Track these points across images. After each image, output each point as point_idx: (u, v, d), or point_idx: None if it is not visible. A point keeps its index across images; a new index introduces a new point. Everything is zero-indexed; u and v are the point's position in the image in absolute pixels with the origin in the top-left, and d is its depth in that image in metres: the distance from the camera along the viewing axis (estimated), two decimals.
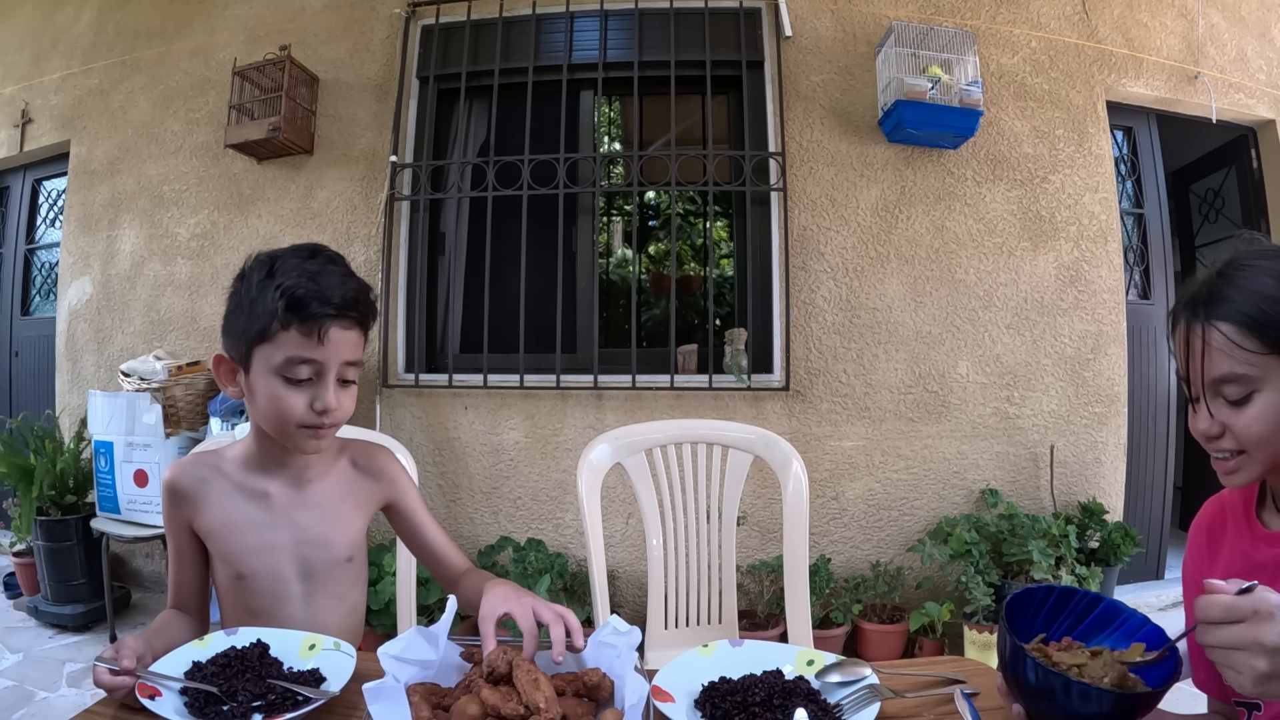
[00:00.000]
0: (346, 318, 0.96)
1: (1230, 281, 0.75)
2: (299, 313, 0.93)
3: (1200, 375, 0.77)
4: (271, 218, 3.23)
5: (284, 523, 1.04)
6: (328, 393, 0.96)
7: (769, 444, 1.54)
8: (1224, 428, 0.77)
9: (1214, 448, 0.79)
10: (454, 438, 3.00)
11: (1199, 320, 0.76)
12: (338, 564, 1.07)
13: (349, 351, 0.98)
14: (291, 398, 0.96)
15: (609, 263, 3.37)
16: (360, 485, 1.10)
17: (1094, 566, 2.62)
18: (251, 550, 1.02)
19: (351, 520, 1.09)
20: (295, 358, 0.94)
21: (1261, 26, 3.37)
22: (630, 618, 0.87)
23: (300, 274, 0.94)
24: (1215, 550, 0.88)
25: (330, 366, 0.96)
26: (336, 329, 0.95)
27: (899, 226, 2.92)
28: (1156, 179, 3.28)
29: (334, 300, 0.94)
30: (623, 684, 0.79)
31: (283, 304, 0.92)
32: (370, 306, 1.00)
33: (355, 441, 1.16)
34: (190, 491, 1.04)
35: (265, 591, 1.03)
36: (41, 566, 3.01)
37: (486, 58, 3.07)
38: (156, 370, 2.85)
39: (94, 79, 3.65)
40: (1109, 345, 2.95)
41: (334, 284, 0.95)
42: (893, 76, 2.77)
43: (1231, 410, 0.76)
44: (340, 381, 0.98)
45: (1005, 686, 0.76)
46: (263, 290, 0.94)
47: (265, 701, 0.81)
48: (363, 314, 0.99)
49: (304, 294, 0.93)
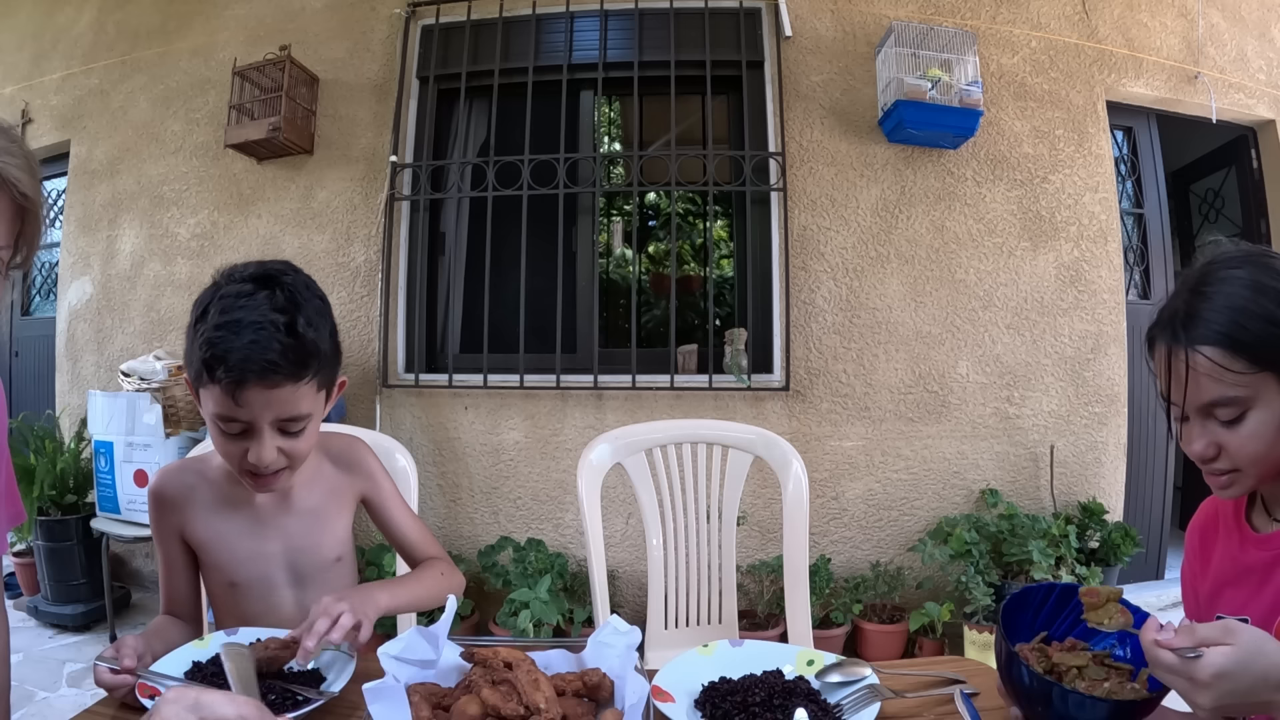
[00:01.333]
0: (271, 377, 0.87)
1: (1205, 299, 0.73)
2: (213, 371, 0.86)
3: (1186, 400, 0.75)
4: (271, 218, 3.23)
5: (273, 531, 1.04)
6: (260, 448, 0.91)
7: (769, 444, 1.54)
8: (1219, 448, 0.75)
9: (1210, 468, 0.78)
10: (454, 438, 3.00)
11: (1181, 345, 0.74)
12: (328, 565, 1.07)
13: (280, 408, 0.90)
14: (227, 446, 0.93)
15: (609, 263, 3.37)
16: (341, 483, 1.10)
17: (1094, 566, 2.62)
18: (242, 560, 1.03)
19: (337, 521, 1.09)
20: (221, 414, 0.90)
21: (1261, 26, 3.37)
22: (630, 618, 0.87)
23: (222, 322, 0.86)
24: (1208, 553, 0.88)
25: (259, 423, 0.90)
26: (258, 390, 0.87)
27: (899, 226, 2.92)
28: (1156, 179, 3.28)
29: (251, 363, 0.85)
30: (623, 684, 0.79)
31: (199, 358, 0.87)
32: (304, 356, 0.89)
33: (330, 436, 1.13)
34: (179, 499, 1.04)
35: (258, 598, 1.03)
36: (41, 566, 3.01)
37: (486, 58, 3.07)
38: (156, 370, 2.85)
39: (94, 79, 3.65)
40: (1109, 345, 2.95)
41: (252, 339, 0.85)
42: (893, 76, 2.77)
43: (1225, 430, 0.74)
44: (283, 433, 0.93)
45: (1004, 688, 0.76)
46: (194, 334, 0.89)
47: (265, 701, 0.81)
48: (294, 368, 0.88)
49: (218, 353, 0.85)
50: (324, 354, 0.93)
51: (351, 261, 3.12)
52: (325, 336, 0.93)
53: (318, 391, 0.95)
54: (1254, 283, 0.72)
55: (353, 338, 3.09)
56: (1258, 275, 0.72)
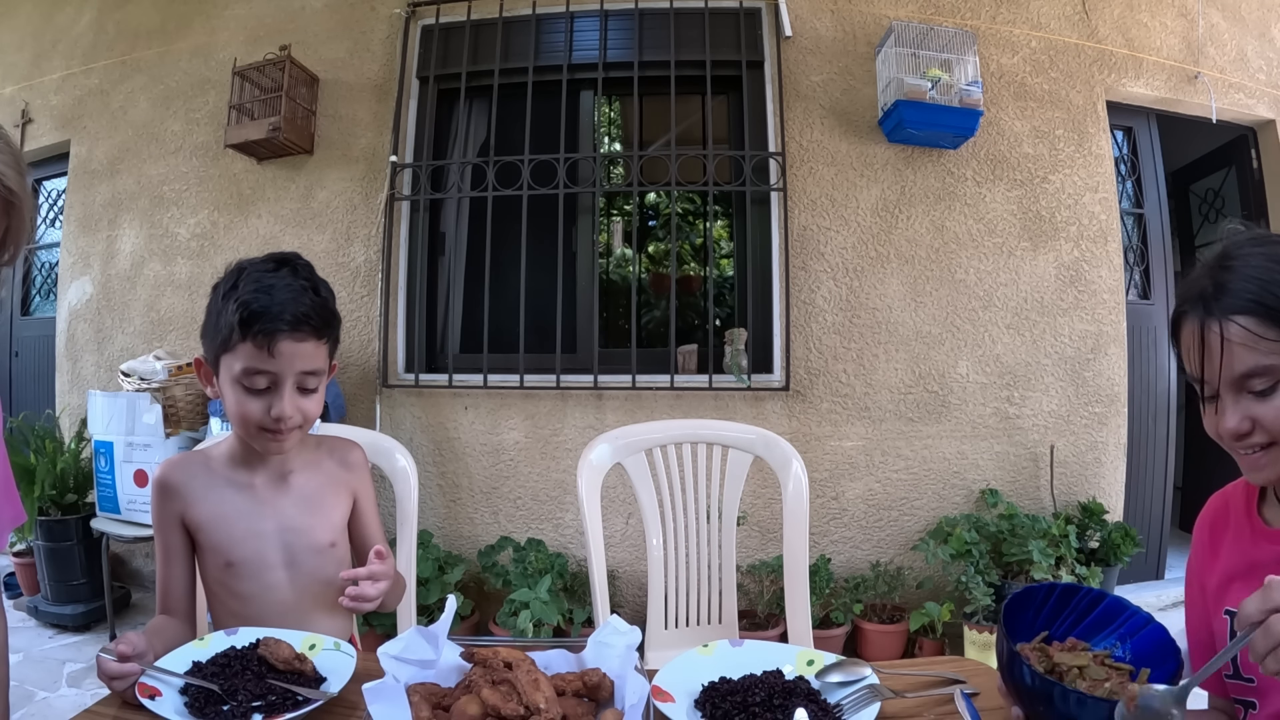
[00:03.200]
0: (300, 331, 0.99)
1: (1234, 272, 0.73)
2: (250, 327, 0.97)
3: (1220, 374, 0.74)
4: (271, 218, 3.23)
5: (269, 511, 1.09)
6: (283, 401, 1.00)
7: (769, 444, 1.54)
8: (1254, 423, 0.74)
9: (1243, 444, 0.76)
10: (454, 438, 3.00)
11: (1214, 318, 0.73)
12: (321, 549, 1.12)
13: (304, 362, 1.01)
14: (249, 404, 1.01)
15: (609, 263, 3.37)
16: (338, 475, 1.17)
17: (1094, 566, 2.62)
18: (239, 538, 1.07)
19: (333, 508, 1.15)
20: (250, 368, 0.99)
21: (1261, 26, 3.37)
22: (630, 618, 0.87)
23: (257, 288, 0.98)
24: (1216, 546, 0.87)
25: (285, 377, 1.00)
26: (289, 342, 0.99)
27: (899, 226, 2.92)
28: (1156, 179, 3.28)
29: (285, 315, 0.97)
30: (623, 684, 0.79)
31: (237, 318, 0.97)
32: (328, 316, 1.04)
33: (330, 438, 1.23)
34: (182, 486, 1.08)
35: (252, 577, 1.07)
36: (41, 566, 3.01)
37: (486, 58, 3.07)
38: (156, 370, 2.85)
39: (94, 79, 3.65)
40: (1109, 345, 2.95)
41: (287, 298, 0.98)
42: (893, 76, 2.77)
43: (1258, 402, 0.73)
44: (300, 389, 1.03)
45: (1005, 688, 0.76)
46: (225, 302, 0.99)
47: (265, 701, 0.81)
48: (319, 325, 1.02)
49: (256, 309, 0.97)
50: (338, 320, 1.08)
51: (351, 261, 3.12)
52: (336, 309, 1.07)
53: (328, 356, 1.07)
54: (1276, 255, 0.73)
55: (353, 338, 3.09)
56: (1276, 251, 0.74)
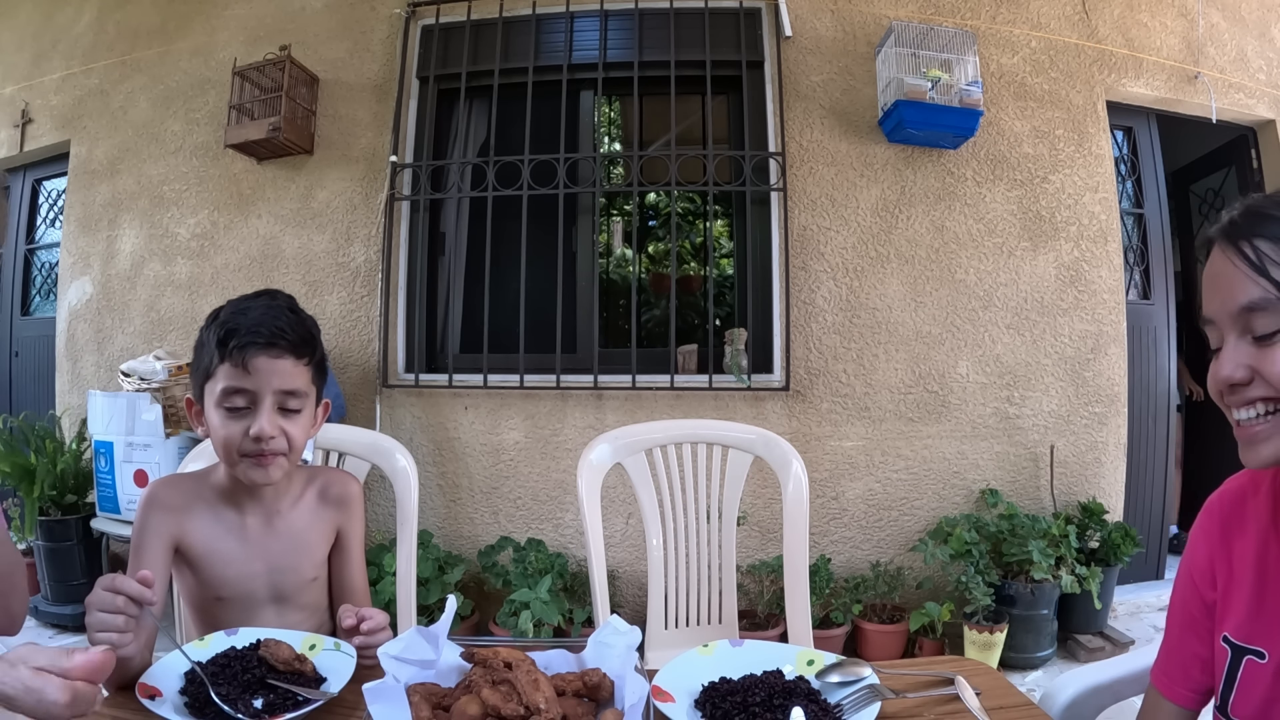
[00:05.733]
0: (275, 346, 1.00)
1: (1256, 203, 0.67)
2: (226, 345, 0.99)
3: (1233, 298, 0.66)
4: (271, 218, 3.23)
5: (258, 552, 1.09)
6: (261, 419, 1.00)
7: (769, 444, 1.54)
8: (1252, 372, 0.66)
9: (1239, 399, 0.68)
10: (454, 438, 3.00)
11: (1230, 242, 0.67)
12: (305, 584, 1.14)
13: (281, 380, 1.01)
14: (231, 427, 1.01)
15: (609, 262, 3.37)
16: (323, 514, 1.16)
17: (1094, 566, 2.63)
18: (231, 579, 1.08)
19: (317, 547, 1.16)
20: (229, 388, 1.00)
21: (1261, 26, 3.37)
22: (630, 618, 0.86)
23: (234, 311, 1.02)
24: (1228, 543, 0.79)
25: (263, 394, 1.00)
26: (264, 358, 0.99)
27: (899, 226, 2.92)
28: (1156, 179, 3.28)
29: (261, 330, 0.99)
30: (623, 684, 0.79)
31: (215, 339, 1.00)
32: (305, 334, 1.04)
33: (326, 470, 1.22)
34: (180, 504, 1.06)
35: (240, 612, 1.08)
36: (42, 566, 3.01)
37: (486, 58, 3.07)
38: (156, 370, 2.85)
39: (94, 79, 3.65)
40: (1109, 345, 2.95)
41: (263, 315, 1.01)
42: (893, 76, 2.77)
43: (1260, 350, 0.65)
44: (282, 411, 1.02)
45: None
46: (207, 332, 1.03)
47: (265, 701, 0.81)
48: (295, 341, 1.02)
49: (232, 327, 1.00)
50: (319, 345, 1.07)
51: (351, 261, 3.12)
52: (318, 336, 1.08)
53: (311, 382, 1.07)
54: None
55: (353, 338, 3.09)
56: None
